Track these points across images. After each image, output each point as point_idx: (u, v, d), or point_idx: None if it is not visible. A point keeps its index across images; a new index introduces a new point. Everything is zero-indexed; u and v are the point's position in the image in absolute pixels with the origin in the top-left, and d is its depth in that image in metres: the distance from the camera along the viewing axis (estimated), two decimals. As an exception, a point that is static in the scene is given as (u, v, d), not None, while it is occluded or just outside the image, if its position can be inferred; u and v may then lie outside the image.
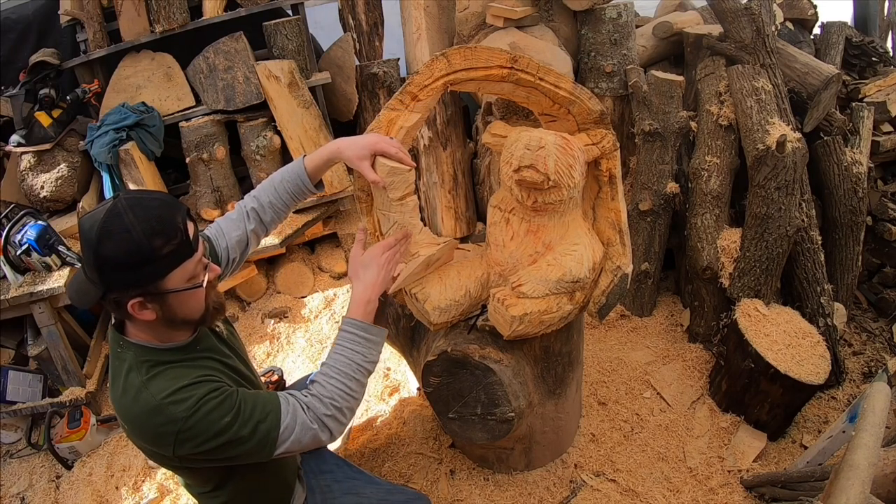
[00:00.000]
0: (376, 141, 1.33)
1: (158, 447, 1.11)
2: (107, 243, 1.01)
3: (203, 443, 1.08)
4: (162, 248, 1.03)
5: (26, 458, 2.35)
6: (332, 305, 2.83)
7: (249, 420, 1.11)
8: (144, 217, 1.02)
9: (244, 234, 1.40)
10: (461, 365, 1.51)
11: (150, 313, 1.08)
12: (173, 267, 1.06)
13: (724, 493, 1.82)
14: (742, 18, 2.29)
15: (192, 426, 1.06)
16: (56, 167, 2.60)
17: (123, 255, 1.01)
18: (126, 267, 1.02)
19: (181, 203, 1.11)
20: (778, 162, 2.00)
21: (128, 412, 1.10)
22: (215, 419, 1.08)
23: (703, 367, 2.26)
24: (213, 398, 1.08)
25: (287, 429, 1.14)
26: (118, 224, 1.01)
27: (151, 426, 1.07)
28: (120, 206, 1.03)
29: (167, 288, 1.07)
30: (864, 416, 1.21)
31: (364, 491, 1.53)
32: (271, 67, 2.59)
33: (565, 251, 1.43)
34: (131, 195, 1.07)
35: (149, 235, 1.01)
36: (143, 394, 1.07)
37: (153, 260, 1.03)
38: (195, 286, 1.11)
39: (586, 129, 1.46)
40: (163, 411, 1.05)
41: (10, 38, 2.78)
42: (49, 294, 2.25)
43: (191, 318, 1.15)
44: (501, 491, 1.87)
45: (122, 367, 1.12)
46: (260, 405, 1.13)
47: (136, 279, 1.04)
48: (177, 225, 1.05)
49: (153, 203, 1.06)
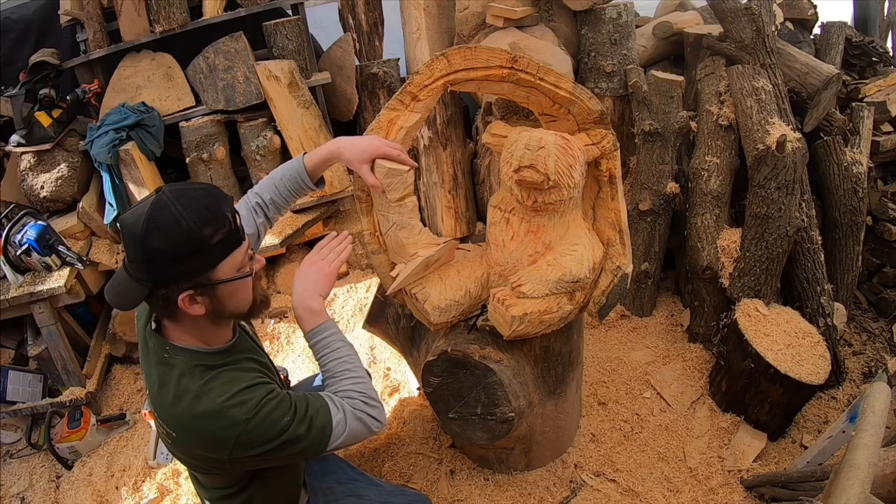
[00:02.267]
0: (377, 146, 1.33)
1: (214, 451, 1.09)
2: (155, 235, 0.98)
3: (264, 444, 1.08)
4: (212, 236, 1.01)
5: (26, 458, 2.35)
6: (332, 305, 2.83)
7: (305, 418, 1.11)
8: (192, 206, 1.00)
9: (255, 228, 1.40)
10: (461, 365, 1.51)
11: (200, 307, 1.06)
12: (224, 256, 1.05)
13: (724, 493, 1.82)
14: (742, 18, 2.29)
15: (253, 428, 1.06)
16: (56, 167, 2.59)
17: (174, 245, 0.99)
18: (177, 258, 1.00)
19: (225, 193, 1.11)
20: (778, 162, 2.00)
21: (182, 419, 1.07)
22: (276, 420, 1.08)
23: (703, 367, 2.26)
24: (271, 399, 1.09)
25: (339, 423, 1.15)
26: (166, 215, 0.99)
27: (211, 430, 1.06)
28: (165, 198, 1.00)
29: (218, 278, 1.05)
30: (864, 416, 1.21)
31: (366, 493, 1.54)
32: (271, 67, 2.59)
33: (565, 251, 1.43)
34: (175, 187, 1.05)
35: (199, 224, 1.00)
36: (202, 398, 1.06)
37: (204, 249, 1.01)
38: (246, 275, 1.10)
39: (586, 129, 1.46)
40: (224, 415, 1.05)
41: (10, 38, 2.78)
42: (49, 294, 2.25)
43: (240, 312, 1.14)
44: (501, 491, 1.87)
45: (171, 372, 1.09)
46: (312, 403, 1.14)
47: (187, 270, 1.02)
48: (224, 213, 1.04)
49: (199, 193, 1.04)
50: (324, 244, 1.38)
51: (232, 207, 1.07)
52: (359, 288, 2.89)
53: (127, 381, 2.59)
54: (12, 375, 2.34)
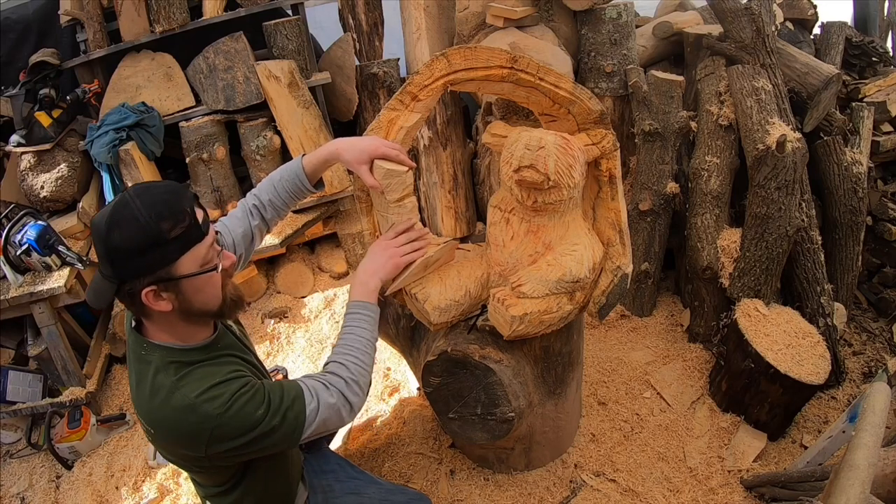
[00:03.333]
0: (376, 146, 1.33)
1: (189, 447, 1.10)
2: (116, 232, 1.01)
3: (237, 437, 1.08)
4: (170, 230, 1.03)
5: (26, 458, 2.35)
6: (332, 305, 2.83)
7: (279, 409, 1.12)
8: (151, 202, 1.02)
9: (249, 229, 1.40)
10: (461, 365, 1.51)
11: (166, 303, 1.08)
12: (184, 251, 1.06)
13: (724, 493, 1.82)
14: (742, 18, 2.29)
15: (226, 422, 1.06)
16: (56, 167, 2.59)
17: (132, 241, 1.01)
18: (135, 253, 1.02)
19: (189, 190, 1.12)
20: (778, 162, 2.00)
21: (157, 414, 1.09)
22: (249, 413, 1.08)
23: (703, 367, 2.26)
24: (244, 393, 1.09)
25: (312, 411, 1.16)
26: (126, 212, 1.02)
27: (185, 425, 1.07)
28: (127, 196, 1.04)
29: (180, 273, 1.06)
30: (864, 416, 1.21)
31: (365, 491, 1.54)
32: (271, 67, 2.59)
33: (565, 251, 1.43)
34: (139, 185, 1.08)
35: (156, 219, 1.01)
36: (175, 394, 1.07)
37: (161, 243, 1.02)
38: (209, 270, 1.10)
39: (586, 129, 1.46)
40: (197, 410, 1.05)
41: (10, 38, 2.78)
42: (49, 294, 2.25)
43: (208, 309, 1.15)
44: (501, 491, 1.87)
45: (147, 369, 1.11)
46: (286, 393, 1.14)
47: (146, 265, 1.03)
48: (184, 208, 1.05)
49: (159, 189, 1.06)
50: (405, 230, 1.42)
51: (193, 203, 1.08)
52: (359, 288, 2.89)
53: (127, 381, 2.58)
54: (12, 375, 2.34)
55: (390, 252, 1.38)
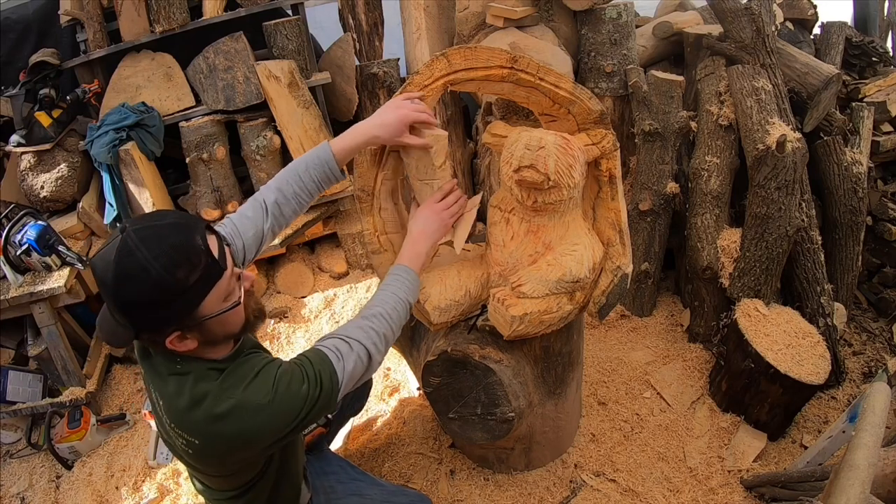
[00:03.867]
0: (405, 114, 1.33)
1: (245, 447, 1.06)
2: (126, 287, 0.93)
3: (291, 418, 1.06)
4: (187, 277, 0.95)
5: (26, 458, 2.35)
6: (332, 305, 2.83)
7: (317, 378, 1.09)
8: (160, 250, 0.93)
9: (261, 230, 1.30)
10: (461, 365, 1.51)
11: (191, 342, 1.03)
12: (206, 293, 0.98)
13: (724, 493, 1.82)
14: (742, 18, 2.29)
15: (277, 407, 1.04)
16: (56, 167, 2.59)
17: (146, 295, 0.93)
18: (151, 307, 0.95)
19: (197, 219, 1.03)
20: (778, 162, 2.00)
21: (202, 423, 1.02)
22: (295, 391, 1.06)
23: (703, 367, 2.26)
24: (283, 375, 1.07)
25: (341, 370, 1.13)
26: (133, 263, 0.92)
27: (237, 425, 1.02)
28: (130, 243, 0.93)
29: (203, 315, 1.00)
30: (864, 416, 1.21)
31: (367, 492, 1.54)
32: (271, 67, 2.59)
33: (565, 251, 1.43)
34: (139, 225, 0.96)
35: (170, 269, 0.93)
36: (221, 396, 1.03)
37: (181, 293, 0.95)
38: (234, 305, 1.05)
39: (586, 129, 1.46)
40: (246, 405, 1.02)
41: (10, 38, 2.78)
42: (49, 294, 2.25)
43: (233, 335, 1.11)
44: (501, 491, 1.87)
45: (185, 380, 1.04)
46: (314, 361, 1.11)
47: (168, 317, 0.97)
48: (197, 248, 0.96)
49: (165, 230, 0.96)
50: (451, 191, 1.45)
51: (204, 234, 1.00)
52: (359, 288, 2.89)
53: (127, 382, 2.59)
54: (12, 375, 2.34)
55: (442, 214, 1.41)
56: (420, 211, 1.42)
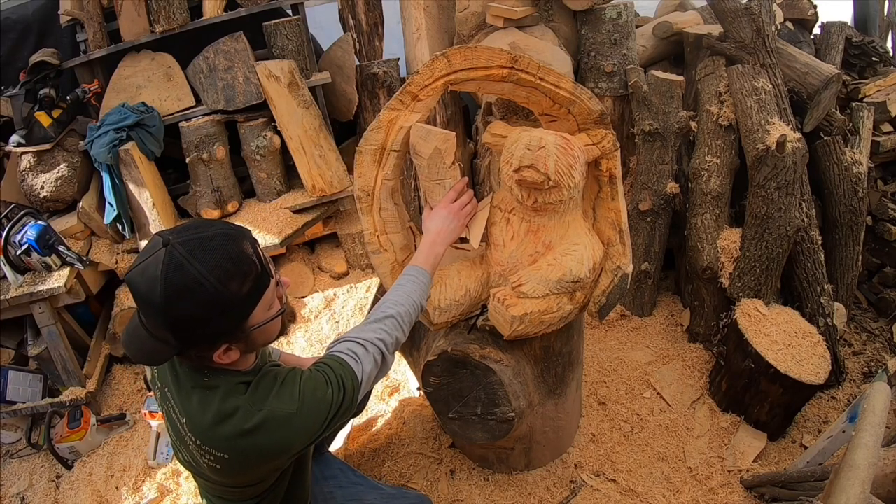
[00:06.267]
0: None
1: (277, 456, 1.05)
2: (178, 303, 0.89)
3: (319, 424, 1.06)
4: (241, 289, 0.93)
5: (26, 458, 2.35)
6: (332, 305, 2.83)
7: (339, 382, 1.09)
8: (213, 262, 0.90)
9: None
10: (461, 365, 1.51)
11: (234, 353, 1.02)
12: (256, 303, 0.97)
13: (724, 493, 1.82)
14: (742, 18, 2.29)
15: (305, 414, 1.03)
16: (56, 167, 2.59)
17: (202, 311, 0.91)
18: (206, 321, 0.93)
19: (241, 227, 1.01)
20: (778, 162, 2.00)
21: (233, 436, 1.01)
22: (320, 397, 1.05)
23: (703, 367, 2.26)
24: (307, 381, 1.07)
25: (360, 372, 1.13)
26: (185, 278, 0.89)
27: (268, 437, 1.01)
28: (178, 256, 0.89)
29: (251, 326, 0.99)
30: (864, 416, 1.21)
31: (366, 497, 1.54)
32: (271, 67, 2.59)
33: (565, 251, 1.43)
34: (185, 237, 0.92)
35: (224, 281, 0.91)
36: (252, 410, 1.01)
37: (235, 305, 0.94)
38: (279, 313, 1.05)
39: (586, 129, 1.46)
40: (275, 417, 1.01)
41: (10, 38, 2.78)
42: (49, 294, 2.25)
43: (271, 341, 1.11)
44: (501, 491, 1.87)
45: (213, 395, 1.03)
46: (333, 366, 1.11)
47: (220, 331, 0.96)
48: (249, 257, 0.95)
49: (215, 242, 0.92)
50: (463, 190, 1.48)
51: (253, 241, 0.98)
52: (359, 288, 2.89)
53: (127, 381, 2.59)
54: (12, 375, 2.34)
55: (458, 214, 1.44)
56: (436, 211, 1.44)
